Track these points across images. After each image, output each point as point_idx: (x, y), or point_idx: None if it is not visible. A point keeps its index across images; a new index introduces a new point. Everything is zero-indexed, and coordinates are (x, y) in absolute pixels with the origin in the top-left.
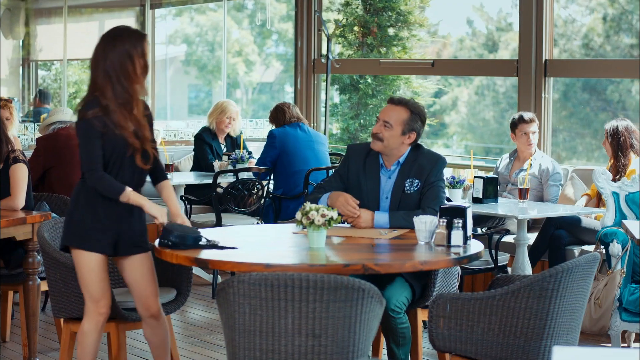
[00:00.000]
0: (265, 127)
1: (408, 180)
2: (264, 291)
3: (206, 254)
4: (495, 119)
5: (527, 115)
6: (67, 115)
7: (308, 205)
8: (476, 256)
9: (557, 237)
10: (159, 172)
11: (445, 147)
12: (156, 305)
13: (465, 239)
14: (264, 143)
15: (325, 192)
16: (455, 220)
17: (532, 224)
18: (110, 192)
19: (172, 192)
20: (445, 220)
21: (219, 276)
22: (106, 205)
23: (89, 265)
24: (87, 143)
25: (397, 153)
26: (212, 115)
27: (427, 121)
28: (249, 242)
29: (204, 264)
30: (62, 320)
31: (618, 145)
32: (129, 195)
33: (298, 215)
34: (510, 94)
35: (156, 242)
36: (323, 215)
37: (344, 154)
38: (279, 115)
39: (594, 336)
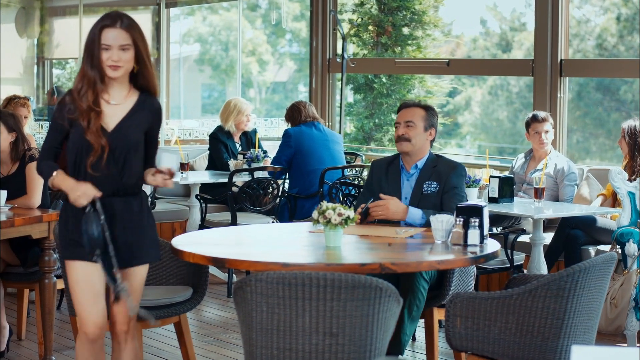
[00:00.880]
0: (279, 126)
1: (427, 182)
2: (281, 290)
3: (223, 253)
4: (508, 119)
5: (540, 114)
6: None
7: (325, 204)
8: (493, 255)
9: (572, 237)
10: (148, 166)
11: (458, 146)
12: (124, 324)
13: (482, 238)
14: (279, 142)
15: (357, 208)
16: (472, 220)
17: (547, 224)
18: (46, 179)
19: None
20: (462, 220)
21: (234, 275)
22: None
23: (73, 276)
24: (47, 132)
25: (420, 153)
26: (228, 118)
27: (442, 120)
28: (266, 241)
29: (221, 263)
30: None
31: (635, 145)
32: (54, 179)
33: (315, 214)
34: (524, 94)
35: (173, 241)
36: (340, 215)
37: (359, 153)
38: (294, 114)
39: (610, 336)
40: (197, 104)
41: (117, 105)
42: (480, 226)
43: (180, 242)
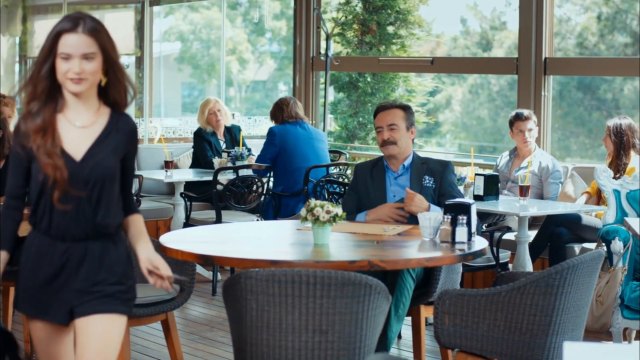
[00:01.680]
0: (262, 125)
1: (425, 177)
2: (271, 287)
3: (211, 250)
4: (490, 117)
5: (524, 112)
6: None
7: (313, 201)
8: (481, 253)
9: (557, 235)
10: (126, 203)
11: (438, 145)
12: None
13: (470, 235)
14: (262, 140)
15: (344, 210)
16: (460, 217)
17: (532, 222)
18: None
19: (141, 230)
20: (450, 217)
21: (218, 273)
22: (48, 254)
23: (36, 337)
24: (9, 169)
25: (405, 153)
26: (200, 119)
27: (425, 119)
28: (253, 239)
29: (210, 261)
30: None
31: (621, 143)
32: None
33: (303, 211)
34: (505, 92)
35: (161, 239)
36: (328, 212)
37: (342, 151)
38: (277, 112)
39: (596, 333)
40: (177, 102)
41: (84, 128)
42: (468, 223)
43: (168, 239)
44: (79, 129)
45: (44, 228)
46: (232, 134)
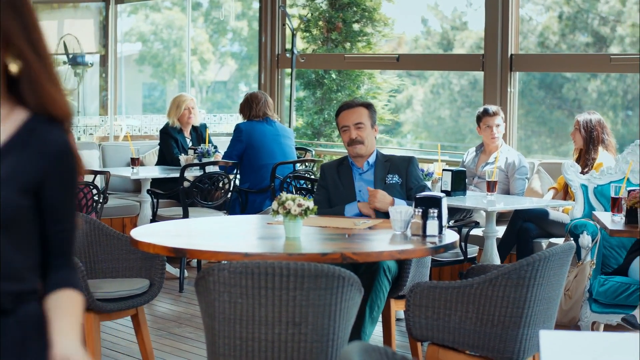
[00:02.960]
0: (227, 122)
1: (389, 175)
2: (244, 279)
3: (183, 243)
4: (451, 117)
5: (492, 108)
6: None
7: (284, 195)
8: (452, 246)
9: (524, 230)
10: (54, 266)
11: (399, 145)
12: None
13: (441, 228)
14: (228, 137)
15: (317, 205)
16: (431, 210)
17: (499, 217)
18: None
19: (67, 312)
20: (421, 210)
21: (185, 270)
22: None
23: None
24: None
25: (370, 150)
26: (170, 113)
27: (390, 116)
28: (224, 233)
29: (182, 253)
30: None
31: (590, 138)
32: None
33: (274, 205)
34: (466, 92)
35: (132, 233)
36: (300, 205)
37: (308, 148)
38: (245, 108)
39: (564, 327)
40: (139, 102)
41: None
42: (439, 217)
43: (139, 233)
44: None
45: None
46: (199, 132)
